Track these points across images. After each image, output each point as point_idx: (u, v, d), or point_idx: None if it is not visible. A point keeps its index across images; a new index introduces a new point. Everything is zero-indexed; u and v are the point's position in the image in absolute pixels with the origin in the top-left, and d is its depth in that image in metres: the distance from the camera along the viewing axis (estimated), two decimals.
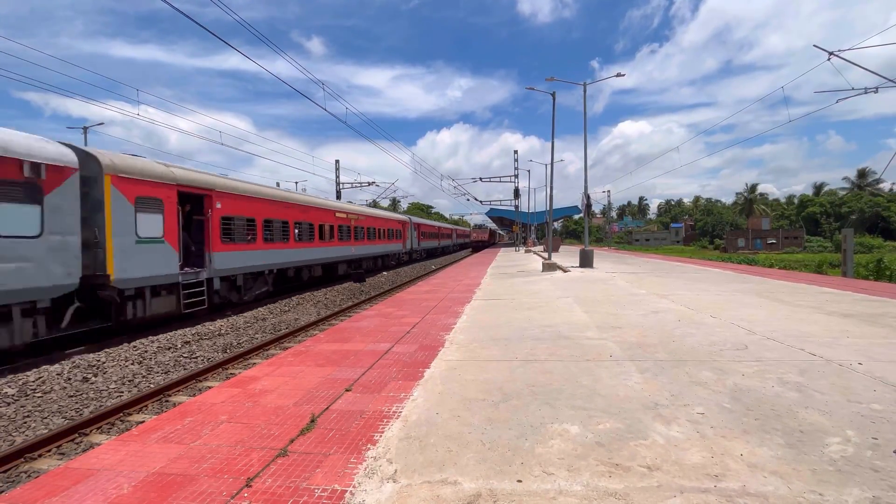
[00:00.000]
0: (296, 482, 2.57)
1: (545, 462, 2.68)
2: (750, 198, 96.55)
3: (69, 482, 2.64)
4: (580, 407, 3.50)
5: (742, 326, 6.22)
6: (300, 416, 3.54)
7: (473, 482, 2.49)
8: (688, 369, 4.37)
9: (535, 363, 4.73)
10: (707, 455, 2.69)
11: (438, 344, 5.73)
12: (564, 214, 66.21)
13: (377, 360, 5.06)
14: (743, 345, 5.24)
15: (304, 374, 4.63)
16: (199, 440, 3.16)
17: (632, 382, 4.03)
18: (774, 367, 4.39)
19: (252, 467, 2.75)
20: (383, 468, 2.68)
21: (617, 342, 5.52)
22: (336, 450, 2.95)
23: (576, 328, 6.41)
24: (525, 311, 7.92)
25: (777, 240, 77.47)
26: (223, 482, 2.59)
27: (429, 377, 4.40)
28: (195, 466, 2.78)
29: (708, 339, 5.57)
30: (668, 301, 8.65)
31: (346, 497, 2.40)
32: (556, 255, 24.99)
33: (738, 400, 3.55)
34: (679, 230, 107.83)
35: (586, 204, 18.64)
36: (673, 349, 5.13)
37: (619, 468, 2.58)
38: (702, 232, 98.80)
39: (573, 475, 2.52)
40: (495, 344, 5.63)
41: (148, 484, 2.59)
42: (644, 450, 2.78)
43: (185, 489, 2.52)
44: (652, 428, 3.09)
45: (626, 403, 3.55)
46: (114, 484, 2.60)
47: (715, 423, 3.14)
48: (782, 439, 2.87)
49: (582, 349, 5.25)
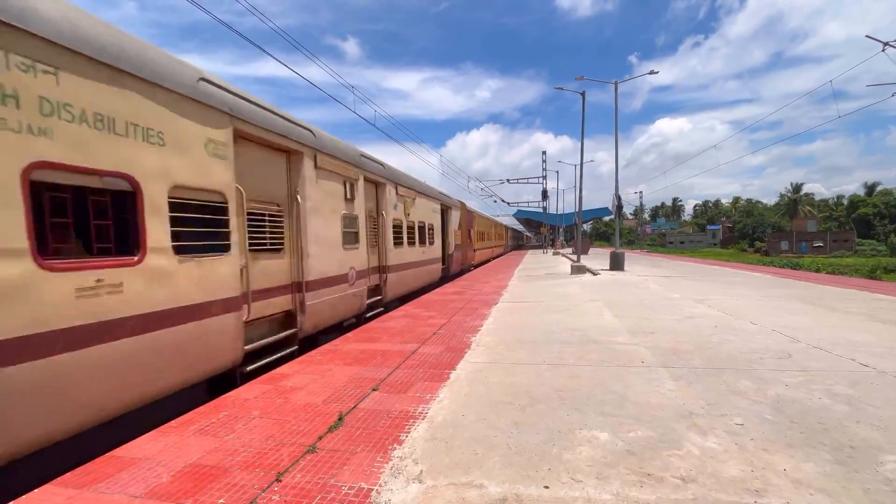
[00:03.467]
0: (324, 478, 2.61)
1: (573, 469, 2.62)
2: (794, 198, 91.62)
3: (114, 469, 2.78)
4: (610, 413, 3.41)
5: (785, 334, 5.89)
6: (328, 413, 3.61)
7: (499, 486, 2.46)
8: (725, 377, 4.18)
9: (563, 367, 4.64)
10: (746, 468, 2.56)
11: (464, 346, 5.72)
12: (594, 216, 64.90)
13: (403, 361, 5.09)
14: (786, 353, 4.96)
15: (333, 373, 4.72)
16: (232, 434, 3.27)
17: (665, 390, 3.89)
18: (821, 377, 4.13)
19: (282, 462, 2.82)
20: (409, 468, 2.69)
21: (649, 347, 5.35)
22: (363, 448, 2.98)
23: (606, 332, 6.25)
24: (553, 315, 7.79)
25: (824, 242, 73.13)
26: (255, 476, 2.66)
27: (455, 379, 4.39)
28: (229, 459, 2.88)
29: (747, 346, 5.31)
30: (704, 306, 8.31)
31: (372, 495, 2.42)
32: (585, 258, 24.48)
33: (780, 411, 3.37)
34: (716, 232, 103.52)
35: (617, 205, 18.19)
36: (709, 356, 4.92)
37: (650, 478, 2.49)
38: (741, 234, 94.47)
39: (602, 483, 2.45)
40: (522, 347, 5.56)
41: (185, 474, 2.70)
42: (678, 460, 2.68)
43: (219, 481, 2.61)
44: (686, 438, 2.97)
45: (658, 411, 3.42)
46: (154, 473, 2.73)
47: (755, 434, 2.99)
48: (831, 455, 2.69)
49: (612, 354, 5.11)
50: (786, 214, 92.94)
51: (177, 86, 4.05)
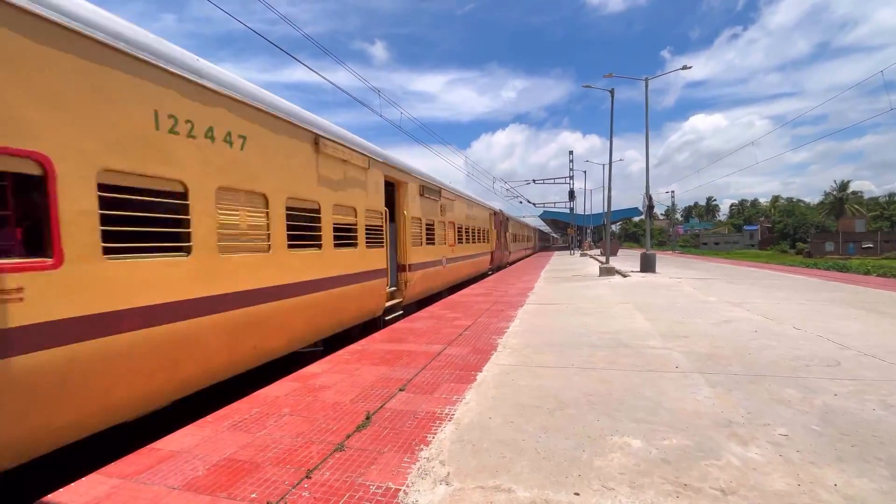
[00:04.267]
0: (352, 477, 2.64)
1: (604, 476, 2.54)
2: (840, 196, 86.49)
3: (153, 461, 2.90)
4: (643, 420, 3.29)
5: (833, 340, 5.55)
6: (356, 412, 3.65)
7: (528, 491, 2.41)
8: (767, 385, 3.97)
9: (592, 371, 4.53)
10: (792, 482, 2.42)
11: (491, 347, 5.67)
12: (623, 216, 63.27)
13: (430, 362, 5.10)
14: (834, 361, 4.67)
15: (360, 373, 4.77)
16: (264, 430, 3.35)
17: (701, 397, 3.73)
18: (875, 387, 3.86)
19: (311, 459, 2.86)
20: (436, 470, 2.68)
21: (683, 352, 5.15)
22: (390, 448, 2.99)
23: (637, 336, 6.07)
24: (581, 317, 7.63)
25: (874, 243, 68.59)
26: (285, 472, 2.72)
27: (481, 381, 4.35)
28: (260, 455, 2.95)
29: (791, 352, 5.03)
30: (742, 310, 7.94)
31: (399, 496, 2.42)
32: (615, 259, 23.90)
33: (829, 423, 3.16)
34: (754, 233, 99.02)
35: (648, 205, 17.66)
36: (749, 362, 4.69)
37: (687, 489, 2.39)
38: (781, 235, 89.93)
39: (636, 492, 2.37)
40: (550, 350, 5.46)
41: (219, 468, 2.78)
42: (717, 471, 2.56)
43: (251, 475, 2.68)
44: (725, 447, 2.83)
45: (694, 419, 3.28)
46: (191, 466, 2.82)
47: (801, 446, 2.82)
48: (887, 471, 2.51)
49: (644, 358, 4.95)
50: (831, 214, 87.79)
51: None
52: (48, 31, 2.93)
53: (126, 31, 3.51)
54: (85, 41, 3.15)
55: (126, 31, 3.51)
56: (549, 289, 12.35)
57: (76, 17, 3.09)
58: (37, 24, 2.87)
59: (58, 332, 2.95)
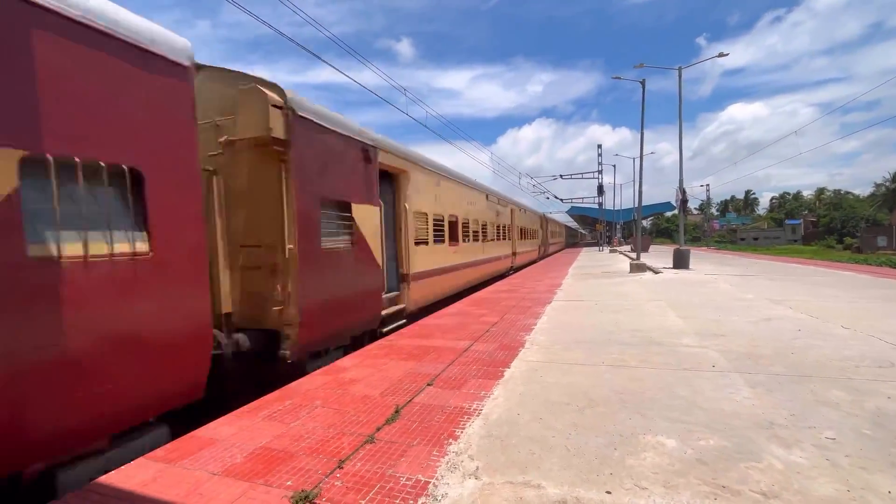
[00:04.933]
0: (382, 468, 2.69)
1: (637, 475, 2.48)
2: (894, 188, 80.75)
3: (194, 448, 3.04)
4: (677, 419, 3.20)
5: (886, 340, 5.21)
6: (385, 406, 3.70)
7: (558, 488, 2.39)
8: (812, 386, 3.77)
9: (623, 369, 4.43)
10: (841, 487, 2.29)
11: (518, 344, 5.64)
12: (655, 211, 61.40)
13: (457, 358, 5.11)
14: (888, 362, 4.39)
15: (389, 367, 4.84)
16: (297, 421, 3.45)
17: (740, 397, 3.59)
18: None
19: (343, 450, 2.93)
20: (465, 464, 2.69)
21: (720, 351, 4.96)
22: (419, 441, 3.03)
23: (670, 334, 5.88)
24: (611, 314, 7.46)
25: None
26: (318, 461, 2.80)
27: (509, 377, 4.33)
28: (295, 444, 3.05)
29: (839, 352, 4.76)
30: (783, 307, 7.57)
31: (429, 488, 2.45)
32: (646, 256, 23.22)
33: (882, 426, 2.98)
34: (796, 227, 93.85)
35: (681, 199, 17.06)
36: (792, 362, 4.47)
37: (726, 490, 2.30)
38: (827, 229, 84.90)
39: (670, 493, 2.31)
40: (579, 347, 5.38)
41: (256, 456, 2.89)
42: (757, 473, 2.45)
43: (286, 464, 2.77)
44: (767, 450, 2.71)
45: (733, 420, 3.16)
46: (229, 453, 2.95)
47: (851, 450, 2.67)
48: None
49: (677, 357, 4.80)
50: (883, 206, 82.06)
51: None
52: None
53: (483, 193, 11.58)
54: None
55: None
56: (577, 285, 12.14)
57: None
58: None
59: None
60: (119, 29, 3.12)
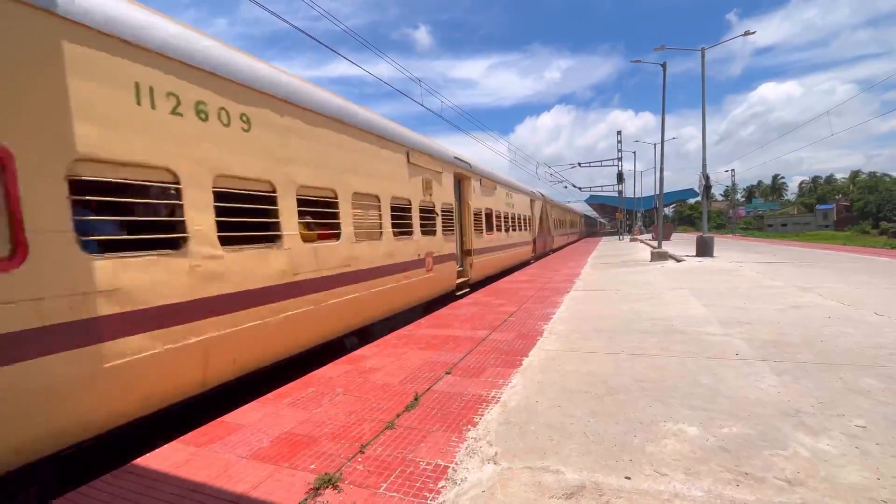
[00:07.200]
0: (402, 453, 2.74)
1: (657, 462, 2.47)
2: None
3: (224, 432, 3.17)
4: (699, 407, 3.16)
5: None
6: (405, 393, 3.77)
7: (577, 473, 2.40)
8: (842, 374, 3.66)
9: (643, 357, 4.38)
10: (871, 476, 2.24)
11: (537, 333, 5.63)
12: (677, 198, 59.85)
13: (475, 347, 5.14)
14: None
15: (408, 356, 4.91)
16: (319, 408, 3.55)
17: (765, 385, 3.51)
18: None
19: (364, 436, 3.01)
20: (484, 449, 2.73)
21: (745, 339, 4.85)
22: (438, 427, 3.08)
23: (692, 322, 5.77)
24: (631, 303, 7.36)
25: None
26: (341, 446, 2.88)
27: (527, 365, 4.34)
28: (317, 430, 3.14)
29: (871, 340, 4.59)
30: (813, 294, 7.32)
31: (448, 472, 2.50)
32: (668, 244, 22.71)
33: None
34: (828, 212, 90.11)
35: (704, 185, 16.55)
36: (821, 350, 4.34)
37: (749, 478, 2.27)
38: (861, 214, 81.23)
39: (691, 479, 2.29)
40: (598, 336, 5.34)
41: (281, 441, 3.00)
42: (782, 461, 2.41)
43: (310, 448, 2.86)
44: (793, 437, 2.66)
45: (757, 408, 3.10)
46: (256, 438, 3.06)
47: (882, 439, 2.59)
48: None
49: (700, 345, 4.71)
50: None
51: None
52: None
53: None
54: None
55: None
56: (596, 275, 11.99)
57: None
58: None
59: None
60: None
